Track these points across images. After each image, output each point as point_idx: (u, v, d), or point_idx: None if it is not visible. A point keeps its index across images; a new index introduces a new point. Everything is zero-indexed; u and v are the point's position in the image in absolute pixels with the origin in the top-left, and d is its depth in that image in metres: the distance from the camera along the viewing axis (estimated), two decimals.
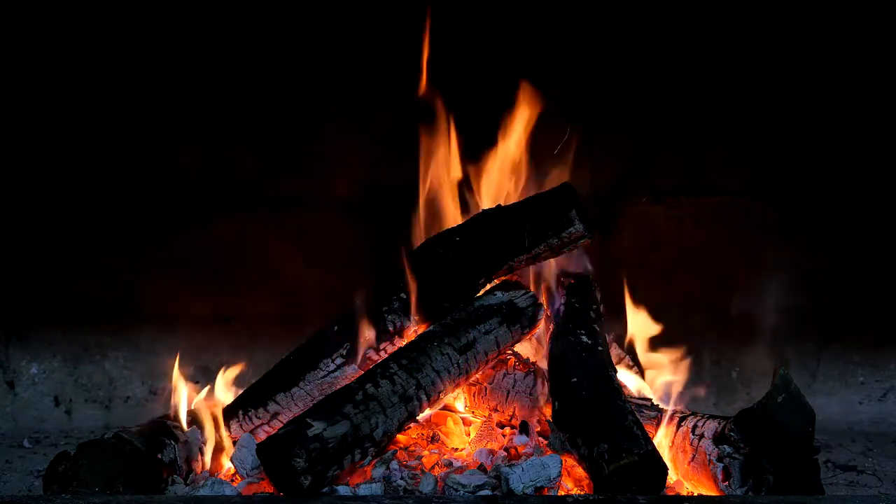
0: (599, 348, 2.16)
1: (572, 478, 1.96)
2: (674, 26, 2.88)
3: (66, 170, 2.92)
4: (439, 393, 2.05)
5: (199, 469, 2.09)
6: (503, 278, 2.26)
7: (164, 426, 2.08)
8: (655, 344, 2.39)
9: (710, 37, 2.88)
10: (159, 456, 1.98)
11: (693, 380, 2.37)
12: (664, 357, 2.34)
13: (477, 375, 2.19)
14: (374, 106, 2.90)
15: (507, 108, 2.43)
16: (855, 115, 2.93)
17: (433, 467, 2.01)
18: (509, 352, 2.25)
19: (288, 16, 2.87)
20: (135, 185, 2.94)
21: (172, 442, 2.04)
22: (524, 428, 2.16)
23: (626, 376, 2.29)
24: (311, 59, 2.89)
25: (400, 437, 2.07)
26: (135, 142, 2.92)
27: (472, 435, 2.18)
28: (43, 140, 2.91)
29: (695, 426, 2.01)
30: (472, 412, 2.27)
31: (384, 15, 2.84)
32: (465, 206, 2.41)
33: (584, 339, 2.16)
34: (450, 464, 2.02)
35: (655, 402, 2.19)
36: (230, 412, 2.18)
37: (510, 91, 2.43)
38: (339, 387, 2.05)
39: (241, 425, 2.15)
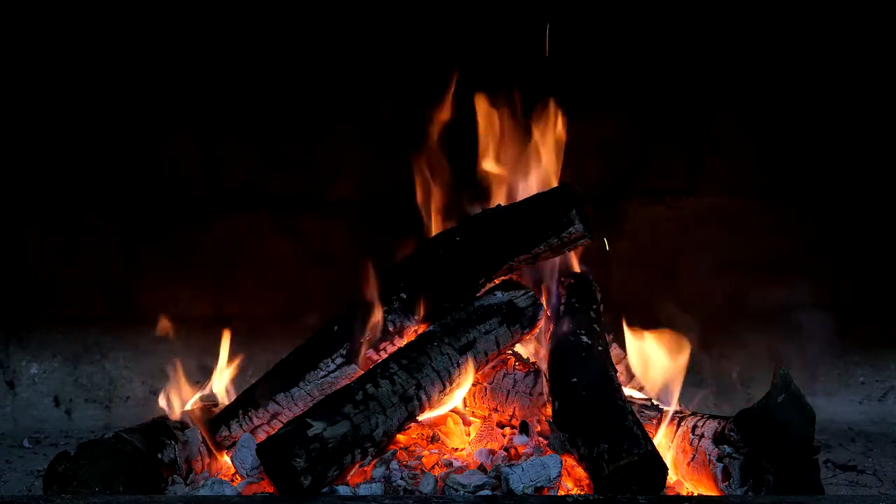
0: (599, 348, 2.15)
1: (572, 478, 1.97)
2: (674, 26, 2.88)
3: (67, 170, 2.92)
4: (439, 393, 2.05)
5: (199, 469, 2.10)
6: (503, 278, 2.26)
7: (164, 426, 2.09)
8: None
9: (710, 37, 2.88)
10: (159, 456, 1.98)
11: (693, 380, 2.37)
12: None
13: (477, 375, 2.19)
14: (374, 106, 2.90)
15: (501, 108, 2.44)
16: (854, 116, 2.93)
17: (433, 467, 2.01)
18: (509, 352, 2.25)
19: (289, 18, 2.87)
20: (135, 185, 2.94)
21: (172, 442, 2.04)
22: (524, 428, 2.16)
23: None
24: (311, 61, 2.89)
25: (400, 437, 2.07)
26: (135, 142, 2.92)
27: (472, 435, 2.18)
28: (43, 141, 2.91)
29: (695, 426, 2.01)
30: (472, 412, 2.27)
31: (384, 17, 2.84)
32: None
33: (584, 339, 2.16)
34: (450, 464, 2.02)
35: (655, 402, 2.18)
36: (230, 412, 2.18)
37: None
38: (339, 387, 2.05)
39: (240, 425, 2.15)
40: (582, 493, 1.92)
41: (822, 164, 2.95)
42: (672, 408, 2.10)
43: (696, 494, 1.95)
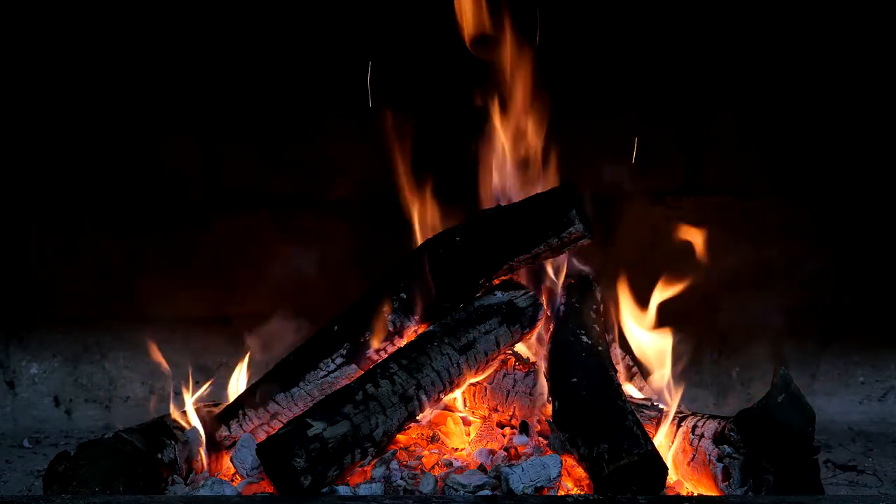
0: (599, 348, 2.16)
1: (572, 478, 1.97)
2: (674, 26, 2.88)
3: (67, 170, 2.92)
4: (439, 393, 2.05)
5: (199, 469, 2.10)
6: (503, 278, 2.26)
7: (164, 426, 2.09)
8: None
9: (710, 37, 2.88)
10: (159, 456, 1.98)
11: (693, 380, 2.37)
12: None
13: (477, 375, 2.19)
14: (373, 106, 2.90)
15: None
16: (854, 116, 2.92)
17: (433, 467, 2.01)
18: (509, 352, 2.25)
19: (288, 19, 2.86)
20: (136, 185, 2.94)
21: (172, 442, 2.04)
22: (524, 428, 2.16)
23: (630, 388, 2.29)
24: (311, 61, 2.89)
25: (400, 437, 2.07)
26: (136, 143, 2.92)
27: (472, 435, 2.18)
28: (44, 141, 2.91)
29: (695, 426, 2.01)
30: (472, 412, 2.27)
31: (384, 18, 2.85)
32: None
33: (584, 339, 2.16)
34: (450, 464, 2.02)
35: (655, 402, 2.18)
36: (230, 412, 2.18)
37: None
38: (339, 387, 2.05)
39: (240, 425, 2.15)
40: (582, 493, 1.92)
41: (821, 164, 2.95)
42: (672, 408, 2.10)
43: (696, 494, 1.95)
